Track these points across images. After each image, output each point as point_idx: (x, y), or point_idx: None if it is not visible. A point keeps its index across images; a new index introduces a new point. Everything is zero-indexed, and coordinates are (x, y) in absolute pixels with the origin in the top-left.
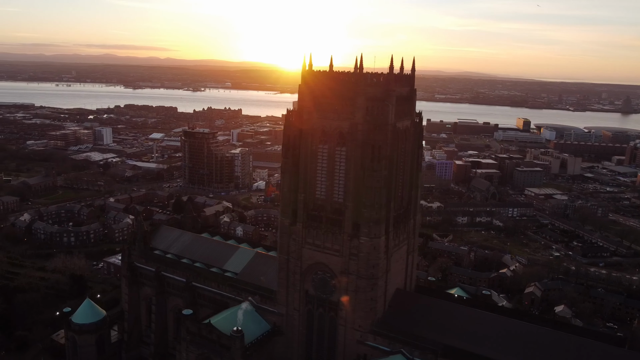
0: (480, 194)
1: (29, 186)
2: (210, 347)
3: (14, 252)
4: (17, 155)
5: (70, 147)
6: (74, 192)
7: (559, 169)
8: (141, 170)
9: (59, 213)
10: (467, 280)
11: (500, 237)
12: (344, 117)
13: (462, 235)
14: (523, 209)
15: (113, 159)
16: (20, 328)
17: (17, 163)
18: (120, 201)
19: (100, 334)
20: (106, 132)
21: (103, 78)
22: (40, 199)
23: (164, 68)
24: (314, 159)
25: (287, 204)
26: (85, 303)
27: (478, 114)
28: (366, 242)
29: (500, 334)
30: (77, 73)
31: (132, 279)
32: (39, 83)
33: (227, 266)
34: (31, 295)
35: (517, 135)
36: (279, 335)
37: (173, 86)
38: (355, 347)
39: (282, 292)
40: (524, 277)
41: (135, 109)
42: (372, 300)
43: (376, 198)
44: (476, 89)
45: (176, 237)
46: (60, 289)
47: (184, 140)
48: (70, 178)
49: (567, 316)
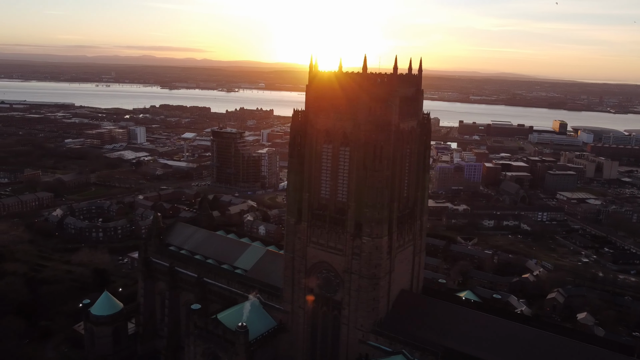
0: (509, 197)
1: (63, 183)
2: (216, 342)
3: (45, 246)
4: (55, 153)
5: (105, 146)
6: (105, 189)
7: (594, 172)
8: (171, 169)
9: (89, 209)
10: (487, 284)
11: (527, 241)
12: (347, 117)
13: (488, 239)
14: (553, 213)
15: (145, 158)
16: (44, 318)
17: (54, 160)
18: (148, 199)
19: (117, 325)
20: (140, 132)
21: (141, 79)
22: (73, 195)
23: (199, 69)
24: (318, 159)
25: (293, 202)
26: (103, 296)
27: (513, 116)
28: (368, 242)
29: (503, 338)
30: (116, 74)
31: (147, 274)
32: (80, 84)
33: (238, 263)
34: (56, 287)
35: (552, 138)
36: (284, 333)
37: (208, 87)
38: (357, 346)
39: (288, 290)
40: (547, 283)
41: (170, 109)
42: (374, 300)
43: (378, 198)
44: (513, 90)
45: (191, 233)
46: (84, 281)
47: (213, 139)
48: (103, 175)
49: (589, 324)
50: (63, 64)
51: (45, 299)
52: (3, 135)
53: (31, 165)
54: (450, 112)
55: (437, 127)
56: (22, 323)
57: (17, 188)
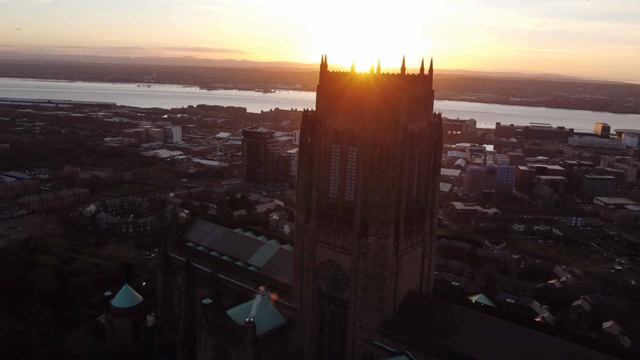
0: (543, 201)
1: (99, 179)
2: (225, 336)
3: (77, 240)
4: (94, 150)
5: (142, 144)
6: (139, 187)
7: (635, 177)
8: (204, 168)
9: (122, 205)
10: (511, 289)
11: (558, 247)
12: (355, 117)
13: (517, 243)
14: (588, 219)
15: (179, 156)
16: (71, 308)
17: (93, 158)
18: (179, 196)
19: (136, 318)
20: (176, 131)
21: (181, 79)
22: (108, 191)
23: (238, 70)
24: (327, 158)
25: (302, 201)
26: (123, 289)
27: (554, 118)
28: (374, 242)
29: (508, 343)
30: (157, 74)
31: (166, 269)
32: (123, 84)
33: (251, 260)
34: (83, 279)
35: (594, 141)
36: (293, 330)
37: (245, 87)
38: (362, 345)
39: (297, 288)
40: (574, 290)
41: (207, 109)
42: (380, 300)
43: (384, 198)
44: (555, 91)
45: (208, 230)
46: (111, 274)
47: (244, 139)
48: (138, 173)
49: (614, 333)
50: (108, 65)
51: (72, 290)
52: (47, 133)
53: (71, 162)
54: (489, 114)
55: (473, 129)
56: (49, 312)
57: (56, 184)
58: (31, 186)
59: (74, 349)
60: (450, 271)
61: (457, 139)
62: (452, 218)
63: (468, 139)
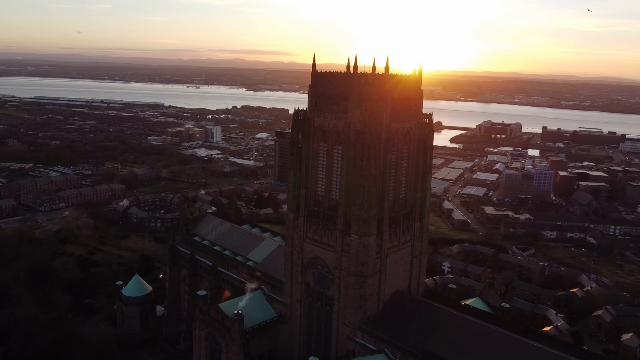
0: (580, 208)
1: (136, 176)
2: (216, 327)
3: (106, 232)
4: (137, 148)
5: (182, 143)
6: (174, 184)
7: None
8: (238, 167)
9: (154, 201)
10: (529, 296)
11: (591, 255)
12: (340, 116)
13: (547, 250)
14: (628, 228)
15: (216, 155)
16: (89, 296)
17: (135, 155)
18: (210, 194)
19: (144, 307)
20: (216, 131)
21: (228, 81)
22: (144, 187)
23: (284, 72)
24: (315, 156)
25: (292, 198)
26: (134, 279)
27: (608, 123)
28: (355, 240)
29: (487, 347)
30: (206, 76)
31: (173, 261)
32: (173, 85)
33: (251, 255)
34: (104, 269)
35: None
36: (284, 324)
37: (291, 89)
38: (346, 342)
39: (287, 283)
40: (598, 300)
41: (250, 110)
42: (362, 297)
43: (365, 197)
44: (612, 95)
45: (215, 225)
46: (131, 266)
47: (276, 139)
48: (174, 171)
49: (632, 345)
50: (161, 67)
51: (93, 279)
52: (96, 131)
53: (113, 159)
54: (538, 117)
55: (518, 132)
56: (69, 299)
57: (96, 179)
58: (73, 181)
59: (87, 334)
60: (469, 276)
61: (501, 142)
62: (482, 223)
63: (512, 143)
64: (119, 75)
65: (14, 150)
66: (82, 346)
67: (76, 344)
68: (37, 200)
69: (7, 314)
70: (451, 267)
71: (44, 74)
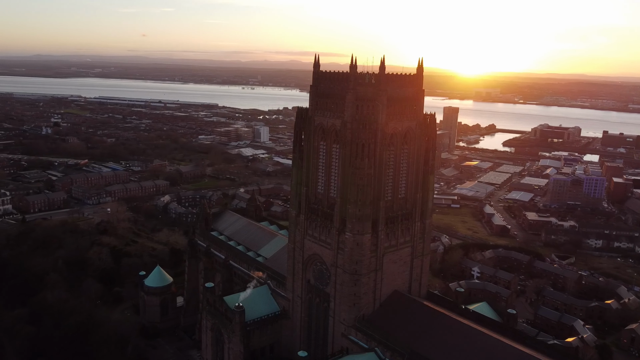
0: (633, 216)
1: (181, 173)
2: (220, 319)
3: (145, 225)
4: (186, 147)
5: (230, 143)
6: (216, 181)
7: None
8: (281, 167)
9: (194, 197)
10: (560, 305)
11: (638, 267)
12: (338, 115)
13: (589, 259)
14: None
15: (261, 155)
16: (119, 285)
17: (183, 154)
18: (248, 192)
19: (165, 297)
20: (263, 131)
21: (283, 82)
22: (188, 184)
23: None
24: (316, 155)
25: (295, 195)
26: (155, 270)
27: None
28: (350, 238)
29: (475, 350)
30: (262, 77)
31: (192, 254)
32: (229, 86)
33: (261, 251)
34: (134, 260)
35: None
36: (286, 319)
37: None
38: (340, 339)
39: (290, 279)
40: (636, 313)
41: None
42: (356, 295)
43: (359, 195)
44: None
45: (233, 221)
46: (162, 258)
47: None
48: (219, 169)
49: None
50: (218, 68)
51: (124, 269)
52: (150, 130)
53: (163, 157)
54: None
55: (576, 137)
56: (99, 287)
57: (144, 176)
58: (122, 176)
59: (112, 321)
60: (498, 282)
61: (557, 147)
62: (523, 229)
63: (569, 148)
64: (178, 77)
65: (72, 147)
66: (104, 330)
67: (99, 328)
68: (86, 193)
69: (40, 297)
70: (481, 272)
71: (109, 75)
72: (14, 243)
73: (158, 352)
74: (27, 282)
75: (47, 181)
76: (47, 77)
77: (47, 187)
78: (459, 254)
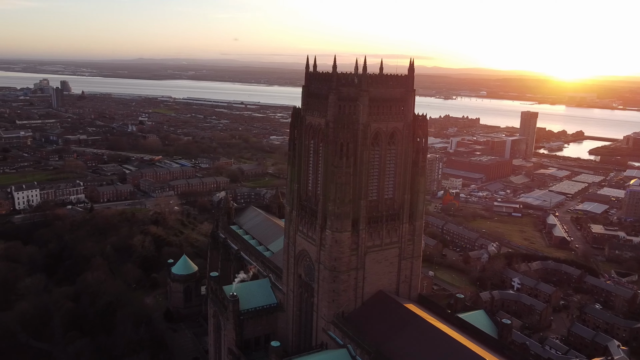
0: None
1: (242, 171)
2: (219, 306)
3: (194, 218)
4: (255, 146)
5: None
6: (275, 180)
7: None
8: None
9: (249, 194)
10: (601, 324)
11: None
12: (323, 114)
13: None
14: None
15: None
16: (155, 272)
17: (251, 153)
18: None
19: (188, 285)
20: None
21: None
22: (247, 182)
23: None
24: (307, 153)
25: (289, 192)
26: (182, 259)
27: None
28: (329, 235)
29: (442, 356)
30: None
31: (213, 245)
32: None
33: (271, 246)
34: (174, 249)
35: None
36: (282, 312)
37: (426, 94)
38: (322, 334)
39: (285, 273)
40: None
41: None
42: (335, 292)
43: (339, 194)
44: None
45: (253, 216)
46: (201, 248)
47: None
48: (280, 168)
49: None
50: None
51: (163, 257)
52: (226, 129)
53: (231, 155)
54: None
55: None
56: (137, 272)
57: (209, 172)
58: (188, 172)
59: (140, 303)
60: (538, 295)
61: None
62: (586, 242)
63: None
64: (264, 79)
65: (149, 143)
66: (130, 310)
67: (124, 308)
68: (152, 187)
69: (83, 278)
70: (521, 284)
71: (201, 78)
72: (76, 228)
73: (177, 335)
74: (77, 263)
75: (121, 174)
76: (145, 79)
77: (119, 179)
78: (502, 263)
